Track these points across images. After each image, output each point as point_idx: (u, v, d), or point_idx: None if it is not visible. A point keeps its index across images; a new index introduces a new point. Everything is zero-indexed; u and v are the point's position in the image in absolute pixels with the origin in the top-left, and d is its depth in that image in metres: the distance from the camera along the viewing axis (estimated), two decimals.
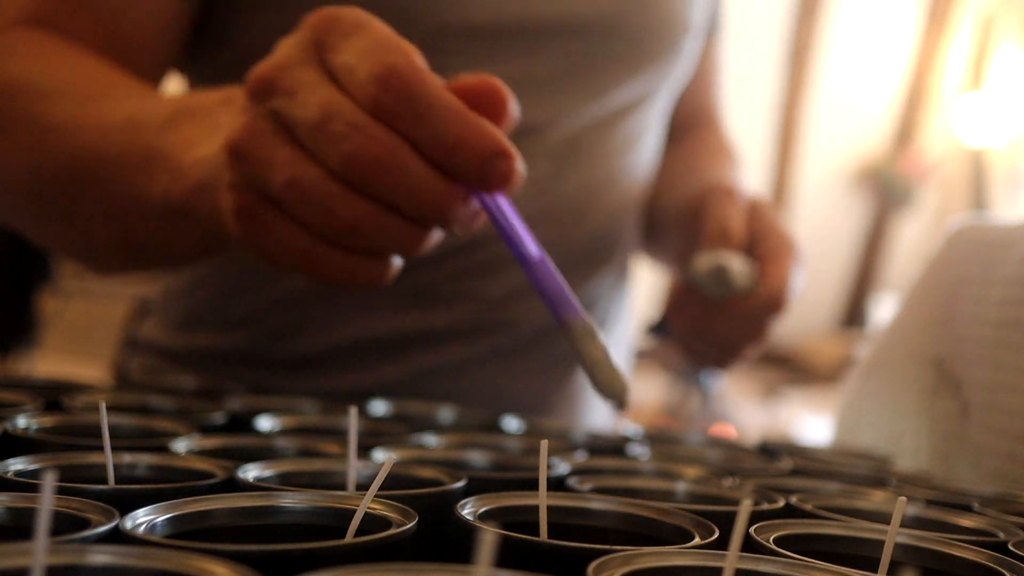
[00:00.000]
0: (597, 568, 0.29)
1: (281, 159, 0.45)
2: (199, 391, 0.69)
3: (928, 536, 0.38)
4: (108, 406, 0.42)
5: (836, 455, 0.68)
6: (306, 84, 0.45)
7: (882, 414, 0.78)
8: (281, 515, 0.36)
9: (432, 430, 0.59)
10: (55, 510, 0.32)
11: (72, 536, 0.29)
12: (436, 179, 0.45)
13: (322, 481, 0.43)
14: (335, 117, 0.44)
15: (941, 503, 0.50)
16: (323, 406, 0.66)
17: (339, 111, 0.44)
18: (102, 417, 0.40)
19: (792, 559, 0.32)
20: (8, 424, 0.46)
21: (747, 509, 0.28)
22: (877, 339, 0.83)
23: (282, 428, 0.56)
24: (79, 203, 0.65)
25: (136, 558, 0.28)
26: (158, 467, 0.43)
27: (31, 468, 0.39)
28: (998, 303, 0.68)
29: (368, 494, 0.35)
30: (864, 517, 0.43)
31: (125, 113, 0.62)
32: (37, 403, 0.53)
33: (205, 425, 0.54)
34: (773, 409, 4.50)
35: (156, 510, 0.33)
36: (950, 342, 0.74)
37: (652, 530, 0.39)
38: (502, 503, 0.39)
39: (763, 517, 0.39)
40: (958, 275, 0.74)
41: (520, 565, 0.30)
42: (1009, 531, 0.42)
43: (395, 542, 0.32)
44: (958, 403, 0.73)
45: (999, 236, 0.73)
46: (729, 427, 3.77)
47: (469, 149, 0.44)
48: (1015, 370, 0.66)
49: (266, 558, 0.28)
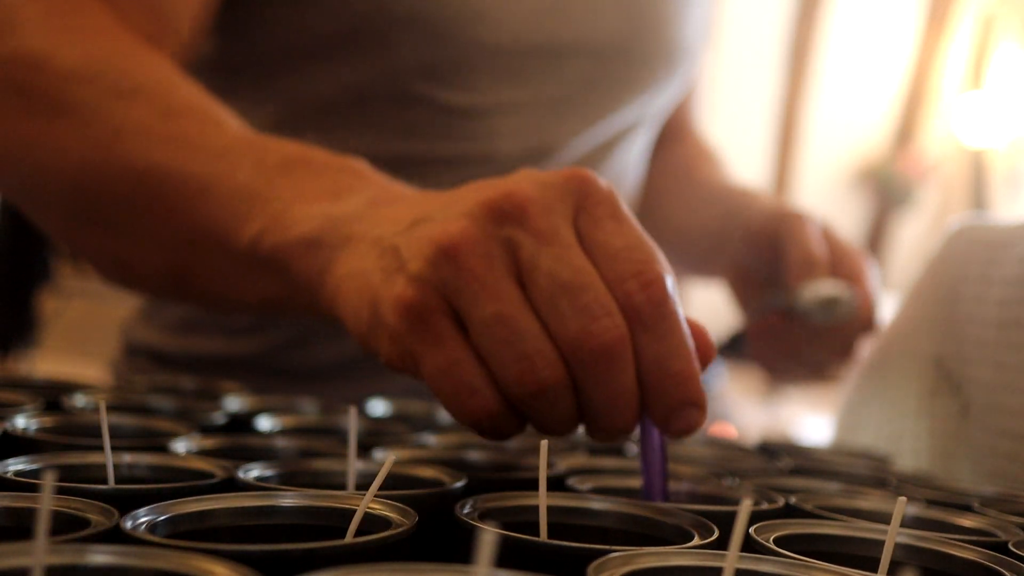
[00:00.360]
0: (597, 568, 0.29)
1: (502, 290, 0.41)
2: (199, 391, 0.69)
3: (928, 536, 0.38)
4: (108, 406, 0.42)
5: (836, 455, 0.68)
6: (561, 239, 0.42)
7: (882, 414, 0.78)
8: (281, 515, 0.36)
9: (432, 430, 0.59)
10: (55, 510, 0.32)
11: (72, 536, 0.29)
12: (635, 396, 0.42)
13: (322, 481, 0.43)
14: (588, 289, 0.41)
15: (941, 503, 0.50)
16: (323, 406, 0.66)
17: (593, 285, 0.41)
18: (102, 417, 0.40)
19: (792, 559, 0.32)
20: (8, 424, 0.46)
21: (747, 509, 0.28)
22: (877, 339, 0.83)
23: (282, 428, 0.56)
24: (137, 220, 0.60)
25: (136, 558, 0.28)
26: (158, 467, 0.43)
27: (31, 468, 0.39)
28: (998, 303, 0.68)
29: (368, 494, 0.35)
30: (864, 517, 0.43)
31: (220, 140, 0.58)
32: (37, 403, 0.53)
33: (205, 425, 0.54)
34: (773, 409, 4.49)
35: (156, 510, 0.33)
36: (950, 342, 0.74)
37: (652, 530, 0.39)
38: (502, 503, 0.39)
39: (763, 517, 0.39)
40: (958, 275, 0.74)
41: (520, 565, 0.30)
42: (1009, 531, 0.42)
43: (395, 542, 0.32)
44: (958, 403, 0.73)
45: (999, 236, 0.73)
46: (729, 427, 3.76)
47: (679, 386, 0.41)
48: (1015, 370, 0.66)
49: (266, 558, 0.28)
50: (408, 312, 0.42)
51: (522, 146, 0.81)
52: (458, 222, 0.43)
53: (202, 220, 0.56)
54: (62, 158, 0.61)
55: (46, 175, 0.62)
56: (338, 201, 0.52)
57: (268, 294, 0.56)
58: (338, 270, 0.49)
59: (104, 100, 0.60)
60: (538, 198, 0.42)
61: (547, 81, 0.79)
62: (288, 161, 0.56)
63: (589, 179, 0.44)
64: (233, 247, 0.55)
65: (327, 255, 0.50)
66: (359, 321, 0.46)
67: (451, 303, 0.42)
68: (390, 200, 0.51)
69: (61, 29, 0.63)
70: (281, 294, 0.55)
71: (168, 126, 0.59)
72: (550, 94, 0.80)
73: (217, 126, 0.59)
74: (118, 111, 0.60)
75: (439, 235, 0.42)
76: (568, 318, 0.41)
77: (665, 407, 0.42)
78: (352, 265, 0.48)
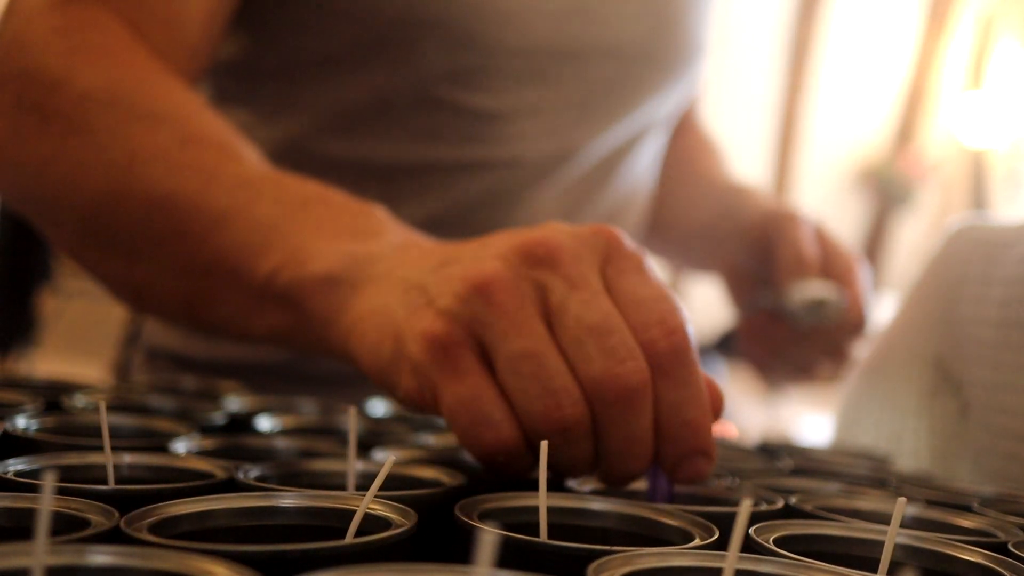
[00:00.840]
0: (597, 568, 0.29)
1: (531, 327, 0.42)
2: (199, 391, 0.69)
3: (928, 536, 0.38)
4: (108, 406, 0.42)
5: (836, 455, 0.68)
6: (590, 285, 0.43)
7: (882, 414, 0.78)
8: (281, 515, 0.36)
9: (432, 430, 0.59)
10: (55, 510, 0.32)
11: (72, 536, 0.29)
12: (652, 441, 0.43)
13: (322, 481, 0.43)
14: (615, 332, 0.42)
15: (941, 503, 0.50)
16: (323, 406, 0.66)
17: (620, 329, 0.42)
18: (102, 417, 0.40)
19: (792, 559, 0.32)
20: (8, 424, 0.46)
21: (747, 509, 0.28)
22: (877, 339, 0.83)
23: (282, 428, 0.56)
24: (151, 246, 0.60)
25: (136, 558, 0.28)
26: (158, 467, 0.43)
27: (31, 468, 0.39)
28: (998, 303, 0.68)
29: (368, 494, 0.35)
30: (864, 517, 0.43)
31: (239, 172, 0.58)
32: (37, 403, 0.53)
33: (205, 425, 0.54)
34: (773, 408, 4.49)
35: (156, 510, 0.33)
36: (950, 342, 0.74)
37: (652, 530, 0.39)
38: (502, 503, 0.39)
39: (763, 517, 0.39)
40: (958, 275, 0.74)
41: (520, 565, 0.30)
42: (1009, 531, 0.42)
43: (395, 542, 0.32)
44: (958, 403, 0.73)
45: (999, 236, 0.73)
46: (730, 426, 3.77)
47: (692, 434, 0.43)
48: (1015, 370, 0.66)
49: (266, 558, 0.28)
50: (433, 344, 0.43)
51: (545, 149, 0.81)
52: (491, 262, 0.44)
53: (218, 251, 0.56)
54: (78, 179, 0.60)
55: (61, 195, 0.62)
56: (359, 242, 0.52)
57: (278, 328, 0.56)
58: (357, 307, 0.49)
59: (122, 124, 0.60)
60: (569, 247, 0.44)
61: (570, 83, 0.80)
62: (308, 199, 0.55)
63: (616, 234, 0.45)
64: (248, 280, 0.55)
65: (346, 293, 0.50)
66: (379, 356, 0.47)
67: (479, 338, 0.43)
68: (413, 246, 0.51)
69: (79, 48, 0.62)
70: (291, 329, 0.55)
71: (186, 154, 0.58)
72: (573, 97, 0.80)
73: (236, 157, 0.59)
74: (135, 136, 0.59)
75: (471, 273, 0.43)
76: (594, 359, 0.41)
77: (677, 453, 0.43)
78: (373, 302, 0.48)
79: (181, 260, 0.58)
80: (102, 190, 0.60)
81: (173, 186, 0.57)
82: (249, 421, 0.57)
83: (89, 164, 0.60)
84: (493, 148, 0.79)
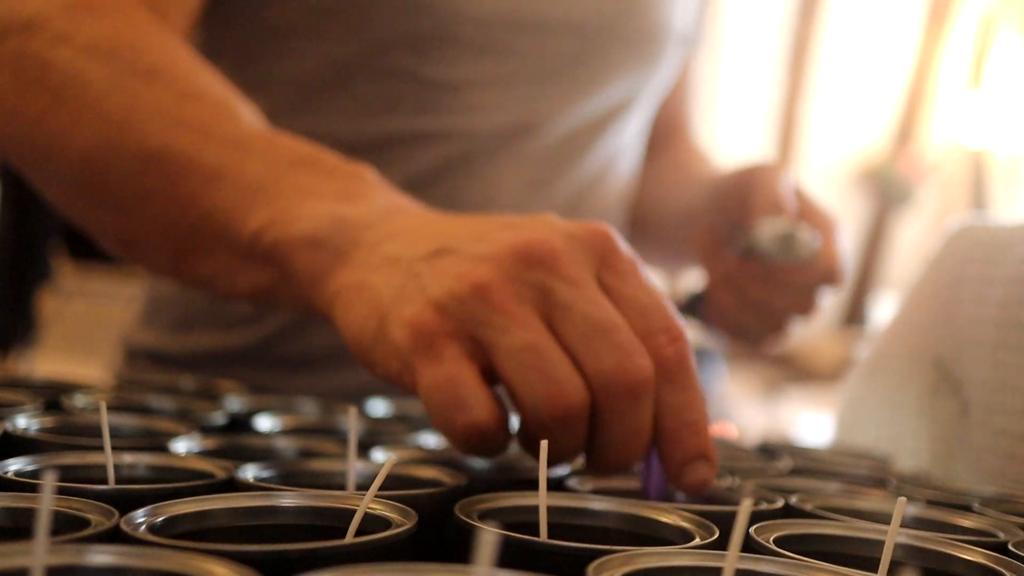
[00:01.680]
0: (597, 568, 0.29)
1: (532, 323, 0.43)
2: (199, 391, 0.69)
3: (928, 536, 0.38)
4: (108, 406, 0.42)
5: (836, 455, 0.68)
6: (589, 286, 0.44)
7: (882, 414, 0.78)
8: (281, 515, 0.36)
9: (432, 430, 0.59)
10: (55, 510, 0.32)
11: (72, 536, 0.29)
12: (650, 436, 0.44)
13: (322, 481, 0.43)
14: (622, 330, 0.43)
15: (941, 503, 0.50)
16: (323, 406, 0.66)
17: (625, 327, 0.43)
18: (102, 417, 0.40)
19: (792, 559, 0.32)
20: (8, 424, 0.46)
21: (747, 509, 0.28)
22: (877, 339, 0.83)
23: (282, 428, 0.56)
24: (143, 200, 0.60)
25: (136, 558, 0.28)
26: (158, 467, 0.43)
27: (31, 468, 0.39)
28: (998, 303, 0.68)
29: (368, 494, 0.35)
30: (864, 517, 0.43)
31: (233, 130, 0.58)
32: (37, 403, 0.53)
33: (205, 425, 0.54)
34: (773, 408, 4.50)
35: (156, 510, 0.33)
36: (950, 342, 0.74)
37: (652, 530, 0.39)
38: (502, 503, 0.39)
39: (763, 517, 0.39)
40: (958, 275, 0.74)
41: (520, 565, 0.30)
42: (1009, 531, 0.42)
43: (395, 542, 0.32)
44: (958, 403, 0.73)
45: (999, 236, 0.73)
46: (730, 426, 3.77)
47: (694, 436, 0.44)
48: (1015, 370, 0.66)
49: (266, 558, 0.28)
50: (419, 332, 0.44)
51: (504, 121, 0.81)
52: (488, 264, 0.44)
53: (208, 207, 0.56)
54: (74, 130, 0.61)
55: (56, 146, 0.62)
56: (346, 204, 0.52)
57: (263, 286, 0.57)
58: (343, 277, 0.49)
59: (120, 78, 0.60)
60: (566, 249, 0.44)
61: (530, 56, 0.80)
62: (299, 159, 0.56)
63: (612, 236, 0.46)
64: (234, 238, 0.55)
65: (330, 256, 0.50)
66: (362, 332, 0.47)
67: (474, 336, 0.43)
68: (400, 212, 0.52)
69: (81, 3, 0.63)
70: (275, 287, 0.56)
71: (182, 109, 0.59)
72: (533, 69, 0.80)
73: (232, 115, 0.60)
74: (132, 90, 0.60)
75: (470, 274, 0.44)
76: (604, 354, 0.42)
77: (681, 457, 0.43)
78: (360, 276, 0.48)
79: (170, 216, 0.59)
80: (97, 142, 0.60)
81: (167, 141, 0.58)
82: (249, 421, 0.57)
83: (85, 115, 0.60)
84: (451, 118, 0.79)
